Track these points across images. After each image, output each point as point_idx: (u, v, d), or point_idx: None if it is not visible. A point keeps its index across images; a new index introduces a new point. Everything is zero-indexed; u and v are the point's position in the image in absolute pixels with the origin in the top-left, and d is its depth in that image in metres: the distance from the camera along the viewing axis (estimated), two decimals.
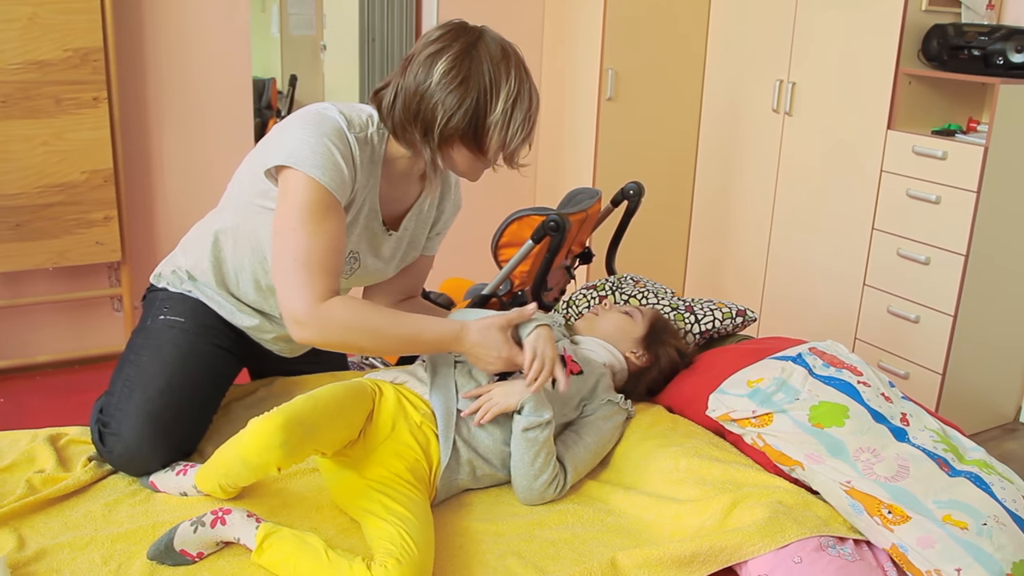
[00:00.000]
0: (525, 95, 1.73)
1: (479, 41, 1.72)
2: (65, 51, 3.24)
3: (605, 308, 2.10)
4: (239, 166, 1.96)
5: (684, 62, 4.19)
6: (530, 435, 1.73)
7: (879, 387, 1.79)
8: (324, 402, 1.60)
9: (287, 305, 1.68)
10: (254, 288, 1.96)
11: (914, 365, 3.42)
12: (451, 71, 1.69)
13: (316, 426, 1.56)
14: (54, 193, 3.34)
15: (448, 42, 1.72)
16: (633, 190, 2.99)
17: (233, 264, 1.95)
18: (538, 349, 1.69)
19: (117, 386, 1.87)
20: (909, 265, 3.39)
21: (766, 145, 3.97)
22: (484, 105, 1.70)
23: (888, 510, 1.54)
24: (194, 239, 2.02)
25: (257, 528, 1.51)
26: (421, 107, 1.72)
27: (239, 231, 1.91)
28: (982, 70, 3.19)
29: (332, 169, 1.70)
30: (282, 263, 1.69)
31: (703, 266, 4.43)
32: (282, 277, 1.69)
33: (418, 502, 1.61)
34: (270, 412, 1.54)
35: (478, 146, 1.74)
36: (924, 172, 3.29)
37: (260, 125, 6.06)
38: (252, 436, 1.53)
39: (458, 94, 1.69)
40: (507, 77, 1.70)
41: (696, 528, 1.62)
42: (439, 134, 1.73)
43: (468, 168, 1.81)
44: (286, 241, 1.69)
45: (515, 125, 1.72)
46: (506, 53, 1.73)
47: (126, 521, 1.64)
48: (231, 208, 1.92)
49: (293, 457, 1.54)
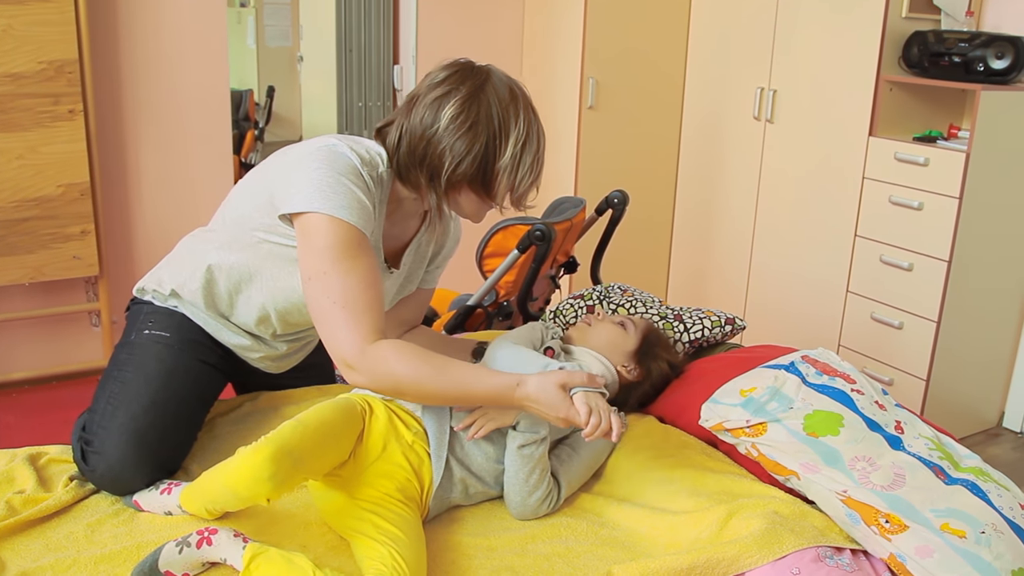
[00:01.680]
0: (534, 137, 1.69)
1: (487, 83, 1.68)
2: (40, 63, 3.20)
3: (598, 318, 2.07)
4: (235, 187, 1.91)
5: (665, 70, 4.19)
6: (525, 452, 1.71)
7: (872, 395, 1.78)
8: (313, 428, 1.55)
9: (335, 350, 1.61)
10: (256, 320, 1.92)
11: (898, 371, 3.42)
12: (459, 116, 1.65)
13: (305, 455, 1.52)
14: (30, 207, 3.29)
15: (455, 84, 1.67)
16: (617, 199, 2.98)
17: (227, 293, 1.90)
18: (591, 403, 1.59)
19: (100, 403, 1.83)
20: (892, 272, 3.39)
21: (748, 153, 3.97)
22: (493, 150, 1.66)
23: (885, 519, 1.53)
24: (183, 261, 1.95)
25: (244, 548, 1.47)
26: (428, 152, 1.68)
27: (236, 268, 1.85)
28: (963, 76, 3.20)
29: (357, 207, 1.65)
30: (321, 308, 1.63)
31: (686, 274, 4.42)
32: (325, 323, 1.62)
33: (409, 520, 1.58)
34: (258, 443, 1.50)
35: (486, 191, 1.70)
36: (906, 179, 3.30)
37: (238, 137, 6.02)
38: (240, 468, 1.49)
39: (467, 140, 1.65)
40: (516, 120, 1.66)
41: (692, 540, 1.60)
42: (446, 180, 1.68)
43: (473, 211, 1.77)
44: (321, 285, 1.62)
45: (524, 168, 1.68)
46: (514, 95, 1.69)
47: (109, 542, 1.60)
48: (227, 238, 1.86)
49: (283, 489, 1.51)
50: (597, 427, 1.57)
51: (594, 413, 1.57)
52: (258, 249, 1.81)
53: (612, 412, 1.59)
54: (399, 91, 4.40)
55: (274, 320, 1.91)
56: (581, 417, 1.57)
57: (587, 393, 1.60)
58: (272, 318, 1.91)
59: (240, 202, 1.85)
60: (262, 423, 2.00)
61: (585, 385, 1.61)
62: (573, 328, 2.09)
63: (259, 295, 1.87)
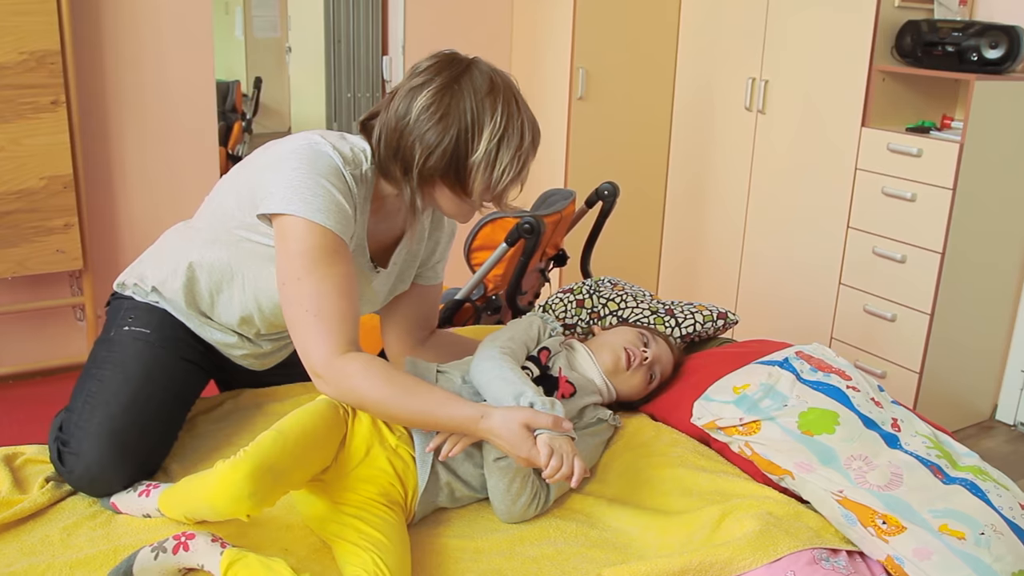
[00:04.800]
0: (515, 132, 1.62)
1: (465, 74, 1.62)
2: (20, 54, 3.14)
3: (634, 363, 1.91)
4: (220, 181, 1.86)
5: (655, 60, 4.16)
6: (502, 463, 1.65)
7: (868, 392, 1.74)
8: (293, 439, 1.50)
9: (305, 357, 1.58)
10: (238, 320, 1.87)
11: (891, 364, 3.41)
12: (431, 106, 1.60)
13: (286, 469, 1.48)
14: (11, 200, 3.24)
15: (432, 75, 1.63)
16: (608, 190, 2.94)
17: (208, 292, 1.85)
18: (554, 446, 1.54)
19: (78, 402, 1.78)
20: (885, 263, 3.37)
21: (739, 144, 3.94)
22: (465, 144, 1.60)
23: (882, 520, 1.49)
24: (163, 257, 1.90)
25: (222, 554, 1.43)
26: (400, 144, 1.64)
27: (217, 267, 1.81)
28: (956, 66, 3.18)
29: (335, 210, 1.60)
30: (294, 315, 1.59)
31: (676, 266, 4.40)
32: (297, 329, 1.59)
33: (393, 524, 1.54)
34: (236, 458, 1.45)
35: (461, 187, 1.65)
36: (899, 170, 3.27)
37: (225, 128, 5.97)
38: (219, 486, 1.44)
39: (437, 131, 1.60)
40: (493, 113, 1.60)
41: (684, 541, 1.55)
42: (418, 173, 1.64)
43: (453, 209, 1.72)
44: (294, 291, 1.58)
45: (501, 166, 1.61)
46: (494, 87, 1.62)
47: (85, 546, 1.55)
48: (210, 235, 1.81)
49: (264, 504, 1.46)
50: (557, 470, 1.52)
51: (555, 456, 1.52)
52: (239, 247, 1.77)
53: (575, 457, 1.54)
54: (388, 82, 4.36)
55: (256, 320, 1.87)
56: (542, 456, 1.52)
57: (551, 436, 1.54)
58: (255, 318, 1.86)
59: (223, 198, 1.80)
60: (244, 422, 1.95)
61: (550, 429, 1.55)
62: (600, 334, 1.99)
63: (240, 295, 1.83)
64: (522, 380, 1.67)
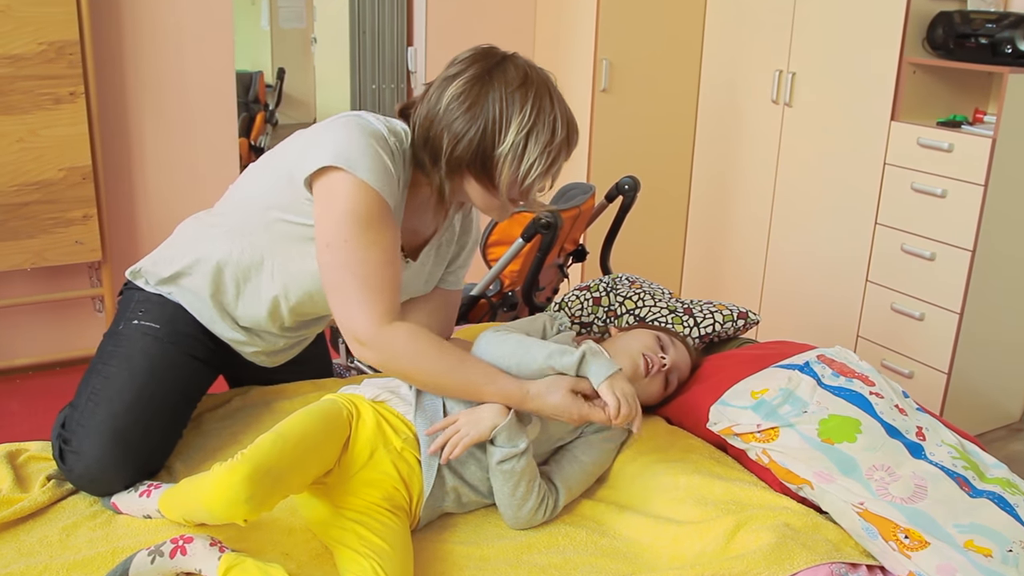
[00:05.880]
0: (545, 126, 1.60)
1: (498, 67, 1.62)
2: (40, 44, 3.14)
3: (652, 370, 1.85)
4: (245, 172, 1.82)
5: (680, 52, 4.09)
6: (506, 467, 1.60)
7: (892, 398, 1.67)
8: (294, 442, 1.46)
9: (347, 324, 1.57)
10: (265, 313, 1.83)
11: (918, 364, 3.34)
12: (460, 95, 1.60)
13: (285, 473, 1.44)
14: (30, 191, 3.24)
15: (466, 65, 1.63)
16: (628, 185, 2.89)
17: (234, 282, 1.81)
18: (617, 391, 1.58)
19: (81, 399, 1.75)
20: (913, 261, 3.30)
21: (765, 137, 3.88)
22: (492, 134, 1.59)
23: (905, 535, 1.43)
24: (182, 247, 1.85)
25: (219, 559, 1.40)
26: (430, 133, 1.63)
27: (247, 254, 1.77)
28: (989, 59, 3.09)
29: (383, 172, 1.58)
30: (338, 279, 1.57)
31: (700, 262, 4.34)
32: (340, 294, 1.57)
33: (396, 530, 1.49)
34: (234, 461, 1.41)
35: (489, 179, 1.63)
36: (929, 165, 3.20)
37: (247, 119, 5.95)
38: (216, 489, 1.40)
39: (464, 120, 1.59)
40: (522, 106, 1.58)
41: (697, 553, 1.50)
42: (446, 162, 1.63)
43: (483, 203, 1.70)
44: (340, 255, 1.56)
45: (530, 159, 1.60)
46: (527, 80, 1.61)
47: (84, 547, 1.53)
48: (237, 221, 1.77)
49: (262, 508, 1.42)
50: (626, 415, 1.57)
51: (623, 402, 1.57)
52: (271, 230, 1.73)
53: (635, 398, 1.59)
54: (413, 73, 4.33)
55: (283, 311, 1.83)
56: (610, 405, 1.56)
57: (615, 382, 1.58)
58: (282, 308, 1.82)
59: (253, 183, 1.77)
60: (251, 420, 1.92)
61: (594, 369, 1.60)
62: (616, 336, 1.94)
63: (270, 283, 1.78)
64: (537, 342, 1.67)
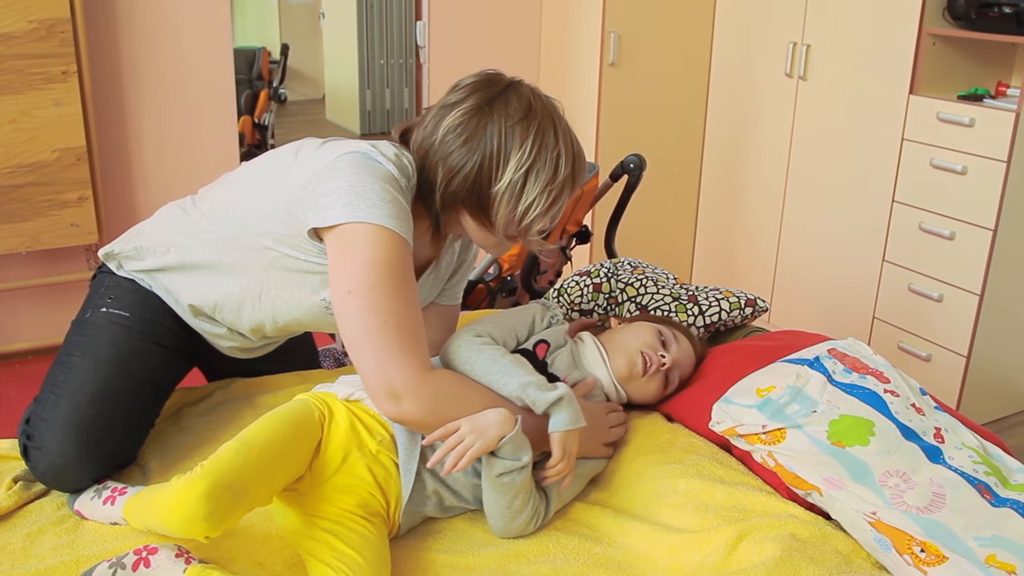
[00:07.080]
0: (547, 164, 1.51)
1: (500, 97, 1.53)
2: (30, 22, 3.08)
3: (652, 368, 1.75)
4: (239, 170, 1.73)
5: (691, 24, 4.01)
6: (505, 480, 1.49)
7: (909, 396, 1.57)
8: (259, 450, 1.38)
9: (381, 377, 1.44)
10: (247, 329, 1.75)
11: (936, 346, 3.26)
12: (457, 127, 1.52)
13: (248, 485, 1.35)
14: (24, 173, 3.19)
15: (467, 94, 1.54)
16: (633, 163, 2.79)
17: (211, 307, 1.73)
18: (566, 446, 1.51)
19: (45, 392, 1.67)
20: (932, 240, 3.23)
21: (779, 112, 3.80)
22: (489, 171, 1.50)
23: (921, 548, 1.33)
24: (163, 240, 1.75)
25: (185, 571, 1.32)
26: (425, 164, 1.56)
27: (235, 287, 1.69)
28: (1013, 29, 2.99)
29: (403, 216, 1.49)
30: (366, 327, 1.44)
31: (712, 241, 4.27)
32: (370, 344, 1.44)
33: (371, 540, 1.41)
34: (193, 474, 1.32)
35: (485, 216, 1.55)
36: (949, 140, 3.12)
37: (251, 97, 5.87)
38: (172, 505, 1.32)
39: (460, 154, 1.51)
40: (523, 141, 1.50)
41: (696, 565, 1.40)
42: (440, 197, 1.55)
43: (479, 238, 1.62)
44: (367, 301, 1.44)
45: (528, 199, 1.51)
46: (530, 113, 1.52)
47: (48, 555, 1.45)
48: (227, 233, 1.67)
49: (223, 525, 1.33)
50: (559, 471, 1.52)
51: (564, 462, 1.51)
52: (261, 256, 1.64)
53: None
54: (422, 48, 4.24)
55: (268, 329, 1.75)
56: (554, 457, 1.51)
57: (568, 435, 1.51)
58: (266, 327, 1.75)
59: (250, 200, 1.65)
60: (232, 415, 1.83)
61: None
62: (614, 329, 1.84)
63: (256, 307, 1.70)
64: (514, 366, 1.57)
